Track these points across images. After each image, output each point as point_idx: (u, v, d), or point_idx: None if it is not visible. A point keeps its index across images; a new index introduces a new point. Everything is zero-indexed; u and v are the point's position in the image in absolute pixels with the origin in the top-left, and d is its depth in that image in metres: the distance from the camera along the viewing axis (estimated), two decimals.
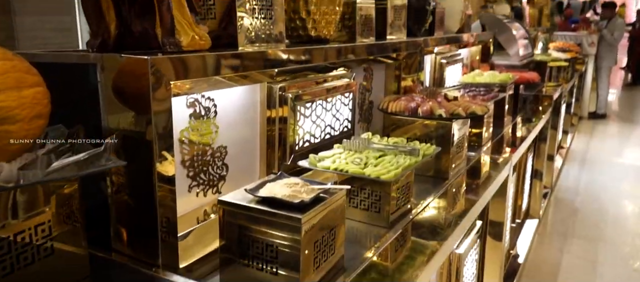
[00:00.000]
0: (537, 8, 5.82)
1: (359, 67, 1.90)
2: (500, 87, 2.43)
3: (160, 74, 0.85)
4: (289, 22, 1.55)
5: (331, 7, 1.56)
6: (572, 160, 5.31)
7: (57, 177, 0.68)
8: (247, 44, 1.22)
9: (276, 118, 1.33)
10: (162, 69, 0.86)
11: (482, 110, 1.68)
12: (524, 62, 3.52)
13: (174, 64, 0.89)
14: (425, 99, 1.80)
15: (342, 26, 1.80)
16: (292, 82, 1.37)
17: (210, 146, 1.17)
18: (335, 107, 1.57)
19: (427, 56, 2.57)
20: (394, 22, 2.01)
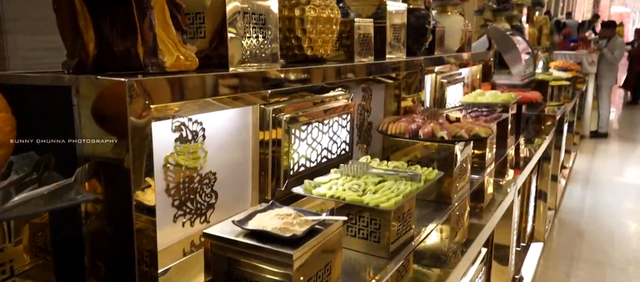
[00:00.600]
0: (537, 27, 5.80)
1: (357, 87, 1.84)
2: (502, 108, 2.37)
3: (139, 97, 0.79)
4: (284, 41, 1.50)
5: (328, 26, 1.51)
6: (575, 180, 5.22)
7: (13, 216, 0.60)
8: (239, 65, 1.16)
9: (269, 142, 1.26)
10: (141, 91, 0.79)
11: (486, 133, 1.61)
12: (526, 81, 3.47)
13: (155, 86, 0.82)
14: (426, 120, 1.73)
15: (340, 45, 1.74)
16: (286, 104, 1.31)
17: (197, 172, 1.10)
18: (333, 130, 1.50)
19: (428, 76, 2.51)
20: (393, 41, 1.96)
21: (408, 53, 2.12)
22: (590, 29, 12.09)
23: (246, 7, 1.18)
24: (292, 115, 1.30)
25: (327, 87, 1.53)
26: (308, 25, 1.46)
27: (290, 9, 1.45)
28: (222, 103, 1.12)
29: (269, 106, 1.25)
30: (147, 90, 0.81)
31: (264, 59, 1.23)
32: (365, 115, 1.92)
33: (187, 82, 0.89)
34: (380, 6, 1.93)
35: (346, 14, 1.74)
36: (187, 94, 0.91)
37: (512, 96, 2.53)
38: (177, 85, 0.88)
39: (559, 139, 4.00)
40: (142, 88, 0.79)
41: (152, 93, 0.81)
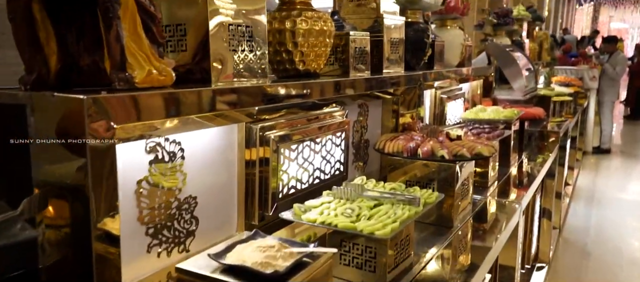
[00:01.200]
0: (537, 42, 5.75)
1: (353, 103, 1.75)
2: (505, 124, 2.28)
3: (100, 115, 0.70)
4: (275, 55, 1.42)
5: (321, 39, 1.43)
6: (579, 197, 5.11)
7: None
8: (224, 80, 1.08)
9: (256, 162, 1.17)
10: (103, 110, 0.70)
11: (489, 151, 1.52)
12: (528, 97, 3.39)
13: (120, 103, 0.73)
14: (425, 138, 1.64)
15: (335, 59, 1.66)
16: (275, 121, 1.22)
17: (175, 197, 1.00)
18: (326, 148, 1.41)
19: (427, 91, 2.43)
20: (390, 55, 1.88)
21: (406, 68, 2.05)
22: (590, 44, 12.08)
23: (231, 19, 1.10)
24: (281, 134, 1.21)
25: (320, 103, 1.44)
26: (299, 38, 1.38)
27: (281, 22, 1.38)
28: (204, 121, 1.03)
29: (256, 124, 1.16)
30: (110, 109, 0.72)
31: (251, 74, 1.15)
32: (362, 132, 1.83)
33: (158, 100, 0.81)
34: (377, 19, 1.86)
35: (341, 27, 1.67)
36: (158, 112, 0.82)
37: (514, 112, 2.44)
38: (146, 103, 0.80)
39: (562, 155, 3.91)
40: (104, 106, 0.71)
41: (116, 111, 0.72)
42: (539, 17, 5.67)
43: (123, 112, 0.74)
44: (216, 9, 1.06)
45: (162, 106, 0.82)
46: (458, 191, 1.60)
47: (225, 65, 1.08)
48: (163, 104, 0.83)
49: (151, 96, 0.80)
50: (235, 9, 1.10)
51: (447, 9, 2.71)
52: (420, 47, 2.17)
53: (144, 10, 0.86)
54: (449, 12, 2.72)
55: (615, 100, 7.47)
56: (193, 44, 1.09)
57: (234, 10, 1.11)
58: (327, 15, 1.46)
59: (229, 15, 1.10)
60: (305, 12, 1.39)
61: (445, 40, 2.56)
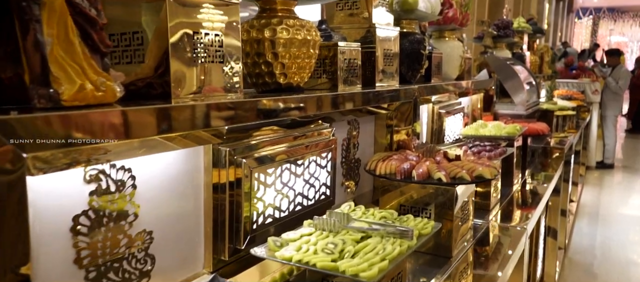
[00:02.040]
0: (538, 55, 5.63)
1: (343, 119, 1.61)
2: (507, 141, 2.14)
3: (5, 143, 0.56)
4: (253, 67, 1.28)
5: (304, 50, 1.29)
6: (584, 215, 4.94)
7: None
8: (186, 95, 0.94)
9: (226, 189, 1.02)
10: (9, 135, 0.56)
11: (491, 174, 1.37)
12: (530, 111, 3.25)
13: (32, 127, 0.59)
14: (421, 158, 1.50)
15: (323, 72, 1.52)
16: (248, 142, 1.08)
17: (125, 233, 0.86)
18: (309, 171, 1.26)
19: (424, 106, 2.30)
20: (384, 67, 1.74)
21: (402, 81, 1.91)
22: (590, 57, 12.00)
23: (198, 26, 0.97)
24: (255, 156, 1.06)
25: (304, 120, 1.30)
26: (280, 48, 1.25)
27: (260, 30, 1.24)
28: (161, 143, 0.89)
29: (225, 145, 1.02)
30: (20, 132, 0.57)
31: (222, 89, 1.01)
32: (353, 151, 1.69)
33: (89, 120, 0.66)
34: (369, 30, 1.73)
35: (329, 37, 1.53)
36: (95, 133, 0.68)
37: (517, 128, 2.30)
38: (78, 124, 0.65)
39: (566, 171, 3.76)
40: (10, 130, 0.56)
41: (27, 137, 0.58)
42: (539, 29, 5.55)
43: (38, 137, 0.60)
44: (178, 13, 0.93)
45: (96, 128, 0.68)
46: (457, 215, 1.45)
47: (188, 79, 0.94)
48: (100, 124, 0.69)
49: (81, 116, 0.66)
50: (202, 14, 0.97)
51: (445, 20, 2.58)
52: (417, 59, 2.04)
53: (80, 13, 0.72)
54: (447, 22, 2.59)
55: (619, 114, 7.33)
56: (154, 54, 0.95)
57: (201, 16, 0.97)
58: (312, 24, 1.32)
59: (195, 21, 0.96)
60: (286, 20, 1.26)
61: (444, 53, 2.43)
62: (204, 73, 0.98)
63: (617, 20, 21.80)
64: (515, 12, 6.92)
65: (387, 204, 1.47)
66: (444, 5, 2.55)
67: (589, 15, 21.52)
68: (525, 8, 8.37)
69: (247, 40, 1.27)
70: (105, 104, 0.73)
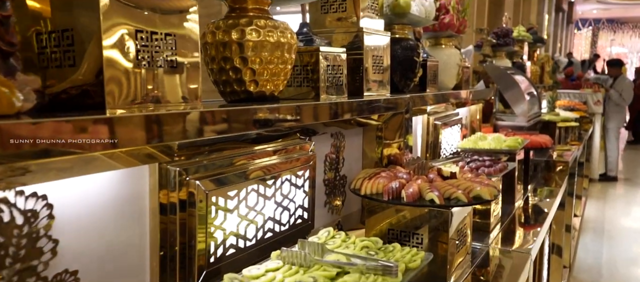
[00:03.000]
0: (539, 65, 5.50)
1: (326, 132, 1.46)
2: (508, 155, 1.98)
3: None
4: (220, 73, 1.13)
5: (278, 54, 1.14)
6: (588, 230, 4.76)
7: None
8: (129, 104, 0.79)
9: (176, 217, 0.86)
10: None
11: (490, 193, 1.21)
12: (531, 123, 3.09)
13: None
14: (412, 175, 1.34)
15: (304, 80, 1.38)
16: (205, 160, 0.92)
17: (38, 275, 0.70)
18: (282, 192, 1.10)
19: (418, 117, 2.14)
20: (373, 75, 1.59)
21: (394, 90, 1.76)
22: (590, 68, 11.89)
23: (141, 24, 0.82)
24: (213, 176, 0.90)
25: (276, 134, 1.14)
26: (249, 52, 1.10)
27: (226, 32, 1.09)
28: (90, 163, 0.73)
29: (175, 164, 0.86)
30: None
31: (173, 97, 0.86)
32: (338, 167, 1.53)
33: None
34: (357, 35, 1.58)
35: (310, 41, 1.39)
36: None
37: (518, 141, 2.14)
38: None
39: (570, 184, 3.59)
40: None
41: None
42: (540, 39, 5.42)
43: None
44: (115, 9, 0.78)
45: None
46: (453, 240, 1.29)
47: (128, 86, 0.79)
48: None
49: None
50: (147, 10, 0.82)
51: (440, 26, 2.44)
52: (410, 67, 1.89)
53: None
54: (443, 29, 2.44)
55: (622, 126, 7.18)
56: (90, 57, 0.80)
57: (146, 13, 0.82)
58: (287, 25, 1.17)
59: (138, 19, 0.81)
60: (257, 21, 1.11)
61: (440, 61, 2.28)
62: (151, 80, 0.83)
63: (617, 32, 21.78)
64: (514, 22, 6.80)
65: (374, 228, 1.31)
66: (440, 10, 2.41)
67: (588, 26, 21.52)
68: (525, 18, 8.26)
69: (212, 43, 1.12)
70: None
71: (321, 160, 1.41)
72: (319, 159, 1.41)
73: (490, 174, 1.61)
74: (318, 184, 1.41)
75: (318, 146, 1.40)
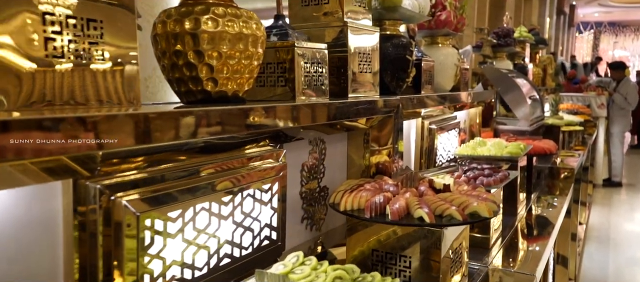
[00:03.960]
0: (541, 67, 5.33)
1: (303, 137, 1.29)
2: (509, 162, 1.81)
3: None
4: (172, 70, 0.97)
5: (240, 47, 0.97)
6: (594, 239, 4.58)
7: None
8: (28, 106, 0.62)
9: (97, 245, 0.70)
10: None
11: (489, 210, 1.04)
12: (534, 127, 2.93)
13: None
14: (400, 188, 1.17)
15: (278, 79, 1.22)
16: (134, 175, 0.75)
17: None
18: (243, 209, 0.94)
19: (412, 121, 1.98)
20: (360, 75, 1.43)
21: (384, 91, 1.60)
22: (592, 71, 11.73)
23: (50, 5, 0.66)
24: (148, 195, 0.74)
25: (233, 142, 0.98)
26: (205, 44, 0.93)
27: (178, 22, 0.93)
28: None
29: (95, 181, 0.69)
30: None
31: (94, 97, 0.69)
32: (318, 177, 1.36)
33: None
34: (342, 30, 1.42)
35: (285, 35, 1.23)
36: None
37: (520, 147, 1.97)
38: None
39: (577, 188, 3.40)
40: None
41: None
42: (542, 40, 5.27)
43: None
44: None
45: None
46: (446, 261, 1.12)
47: (30, 82, 0.62)
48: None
49: None
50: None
51: (437, 23, 2.27)
52: (402, 67, 1.72)
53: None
54: (439, 26, 2.28)
55: (626, 130, 6.99)
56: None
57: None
58: (252, 15, 1.01)
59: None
60: (215, 8, 0.94)
61: (436, 60, 2.12)
62: (61, 74, 0.67)
63: (619, 35, 21.66)
64: (515, 25, 6.64)
65: (356, 249, 1.14)
66: (436, 7, 2.24)
67: (590, 29, 21.42)
68: (526, 21, 8.11)
69: (162, 35, 0.96)
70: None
71: (297, 169, 1.25)
72: (295, 169, 1.24)
73: (490, 185, 1.44)
74: (293, 197, 1.24)
75: (294, 154, 1.24)
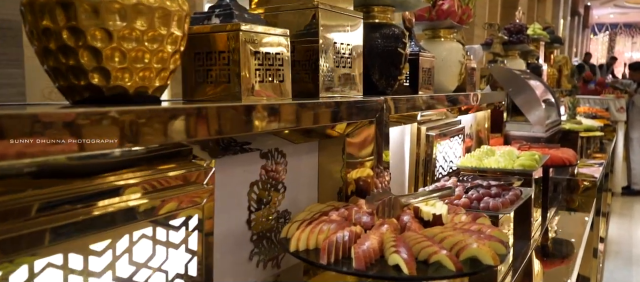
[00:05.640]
0: (556, 67, 4.99)
1: (255, 149, 1.00)
2: (522, 177, 1.51)
3: None
4: (45, 56, 0.70)
5: (142, 25, 0.69)
6: (614, 254, 4.21)
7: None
8: None
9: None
10: None
11: (493, 258, 0.74)
12: (551, 133, 2.60)
13: None
14: (374, 218, 0.88)
15: (220, 74, 0.95)
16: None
17: None
18: (133, 259, 0.65)
19: (406, 126, 1.68)
20: (336, 71, 1.15)
21: (372, 91, 1.32)
22: (608, 72, 11.30)
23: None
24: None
25: (132, 158, 0.69)
26: (84, 19, 0.65)
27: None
28: None
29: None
30: None
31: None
32: (276, 200, 1.07)
33: None
34: (314, 14, 1.14)
35: (229, 16, 0.95)
36: None
37: (535, 157, 1.66)
38: None
39: (598, 203, 3.07)
40: None
41: None
42: (557, 39, 4.92)
43: None
44: None
45: None
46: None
47: None
48: None
49: None
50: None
51: (438, 14, 1.97)
52: (392, 61, 1.42)
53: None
54: (441, 18, 1.98)
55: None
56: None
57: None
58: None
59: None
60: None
61: (437, 57, 1.82)
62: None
63: (635, 36, 21.15)
64: (528, 23, 6.31)
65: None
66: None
67: (605, 31, 20.98)
68: (539, 22, 7.78)
69: (27, 5, 0.68)
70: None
71: (244, 191, 0.96)
72: (241, 190, 0.95)
73: (497, 210, 1.14)
74: (237, 227, 0.96)
75: (239, 170, 0.95)
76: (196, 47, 0.95)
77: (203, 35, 0.95)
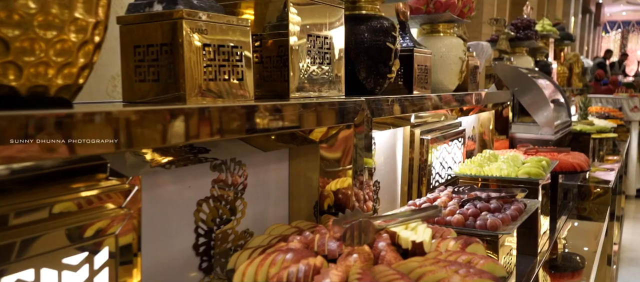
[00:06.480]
0: (566, 65, 4.78)
1: (206, 159, 0.85)
2: (527, 187, 1.34)
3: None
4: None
5: (56, 11, 0.54)
6: (628, 261, 4.00)
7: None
8: None
9: None
10: None
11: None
12: (560, 135, 2.42)
13: None
14: (343, 244, 0.72)
15: (162, 71, 0.80)
16: None
17: None
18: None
19: (398, 130, 1.52)
20: (313, 67, 1.00)
21: (358, 91, 1.17)
22: (620, 70, 11.01)
23: None
24: None
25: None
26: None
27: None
28: None
29: None
30: None
31: None
32: (233, 219, 0.92)
33: None
34: (285, 4, 0.99)
35: (172, 2, 0.80)
36: None
37: (542, 164, 1.49)
38: None
39: (613, 207, 2.87)
40: None
41: None
42: (568, 35, 4.71)
43: None
44: None
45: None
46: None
47: None
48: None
49: None
50: None
51: (437, 6, 1.81)
52: (381, 58, 1.26)
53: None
54: (440, 10, 1.81)
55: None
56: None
57: None
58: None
59: None
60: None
61: (435, 53, 1.66)
62: None
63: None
64: (537, 19, 6.10)
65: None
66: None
67: (617, 29, 20.62)
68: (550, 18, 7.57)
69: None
70: None
71: (189, 211, 0.81)
72: (185, 210, 0.80)
73: (496, 228, 0.97)
74: (182, 253, 0.80)
75: (182, 186, 0.80)
76: (135, 39, 0.81)
77: (142, 25, 0.80)
